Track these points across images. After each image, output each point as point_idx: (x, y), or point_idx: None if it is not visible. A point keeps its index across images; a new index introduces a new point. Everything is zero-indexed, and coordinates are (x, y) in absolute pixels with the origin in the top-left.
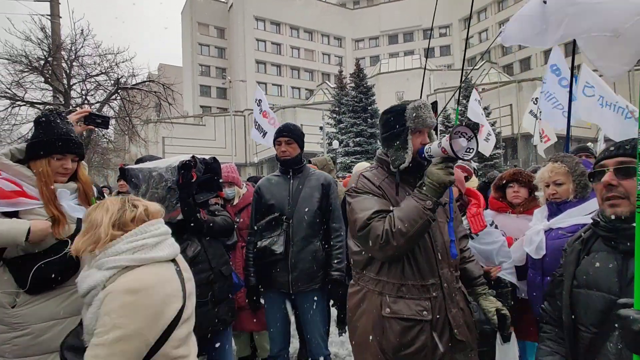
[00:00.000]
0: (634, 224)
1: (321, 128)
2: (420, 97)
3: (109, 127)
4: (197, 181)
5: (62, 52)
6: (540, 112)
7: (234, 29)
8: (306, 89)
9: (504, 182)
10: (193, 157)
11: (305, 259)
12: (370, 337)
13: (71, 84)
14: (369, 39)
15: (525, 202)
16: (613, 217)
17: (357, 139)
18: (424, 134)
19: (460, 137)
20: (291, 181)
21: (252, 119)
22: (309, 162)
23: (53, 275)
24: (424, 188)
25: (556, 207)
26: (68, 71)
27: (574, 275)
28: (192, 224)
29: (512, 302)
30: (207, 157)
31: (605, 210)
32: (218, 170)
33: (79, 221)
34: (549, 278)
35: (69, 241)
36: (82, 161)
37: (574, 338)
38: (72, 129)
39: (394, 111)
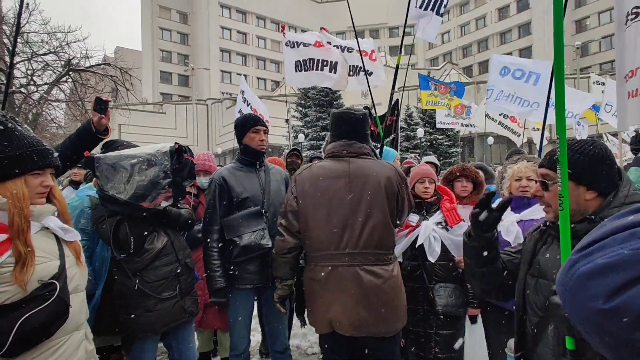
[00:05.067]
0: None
1: (287, 121)
2: (392, 94)
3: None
4: (192, 165)
5: (4, 27)
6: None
7: (197, 14)
8: (272, 81)
9: (454, 176)
10: (177, 143)
11: None
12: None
13: (14, 62)
14: (335, 33)
15: (470, 195)
16: (547, 222)
17: (323, 133)
18: None
19: None
20: (258, 174)
21: (222, 107)
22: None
23: (38, 330)
24: None
25: (527, 202)
26: (11, 48)
27: (530, 264)
28: (166, 214)
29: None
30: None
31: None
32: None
33: (62, 256)
34: None
35: (55, 283)
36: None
37: (522, 322)
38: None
39: None
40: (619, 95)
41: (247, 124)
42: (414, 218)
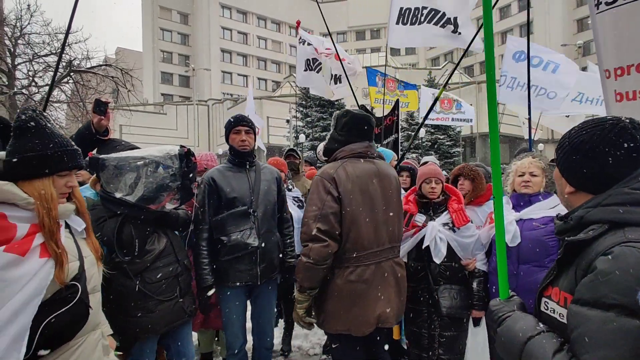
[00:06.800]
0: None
1: (288, 121)
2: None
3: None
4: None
5: (6, 28)
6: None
7: (198, 15)
8: (273, 81)
9: (453, 177)
10: (184, 146)
11: (271, 250)
12: None
13: (16, 63)
14: (336, 33)
15: (469, 193)
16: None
17: (324, 133)
18: None
19: None
20: (248, 174)
21: (223, 107)
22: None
23: (62, 332)
24: None
25: (528, 199)
26: (12, 49)
27: None
28: (166, 216)
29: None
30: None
31: None
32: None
33: (81, 257)
34: (525, 266)
35: (77, 286)
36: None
37: None
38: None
39: None
40: (605, 92)
41: (229, 125)
42: (420, 218)
